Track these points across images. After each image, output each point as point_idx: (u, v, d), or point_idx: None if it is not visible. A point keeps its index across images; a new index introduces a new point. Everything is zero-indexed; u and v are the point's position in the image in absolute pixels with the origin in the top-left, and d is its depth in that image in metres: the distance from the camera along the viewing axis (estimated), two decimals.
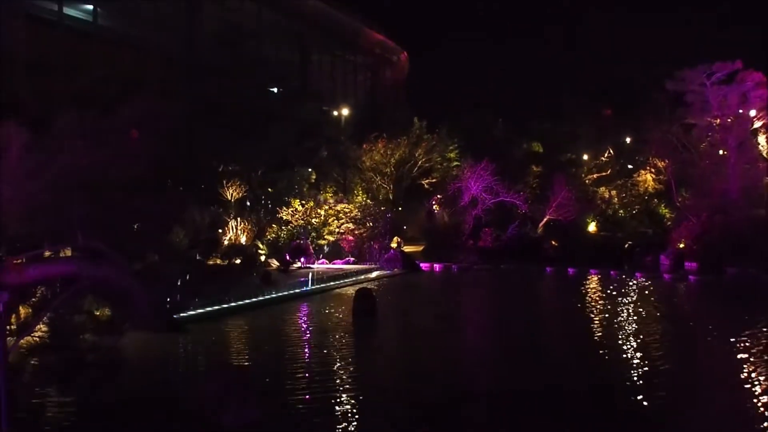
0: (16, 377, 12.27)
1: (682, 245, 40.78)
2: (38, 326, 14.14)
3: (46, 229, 13.48)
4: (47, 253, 14.26)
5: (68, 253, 15.25)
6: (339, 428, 12.45)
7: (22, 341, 13.34)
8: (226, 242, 41.48)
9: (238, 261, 38.22)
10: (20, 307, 14.09)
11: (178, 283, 21.18)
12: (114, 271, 14.37)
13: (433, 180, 52.80)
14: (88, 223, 13.81)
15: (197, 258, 22.79)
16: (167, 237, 21.56)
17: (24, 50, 31.77)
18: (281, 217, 44.13)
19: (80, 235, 13.71)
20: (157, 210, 16.96)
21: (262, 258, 40.06)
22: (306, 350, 19.81)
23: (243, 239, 42.64)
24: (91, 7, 40.00)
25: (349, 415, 13.25)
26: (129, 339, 17.66)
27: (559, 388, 14.96)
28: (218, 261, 37.41)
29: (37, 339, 12.78)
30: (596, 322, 23.71)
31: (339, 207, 45.00)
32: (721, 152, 43.20)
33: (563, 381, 15.60)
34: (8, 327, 13.00)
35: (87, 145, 14.10)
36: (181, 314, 23.48)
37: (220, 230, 41.41)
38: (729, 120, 43.50)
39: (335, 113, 54.28)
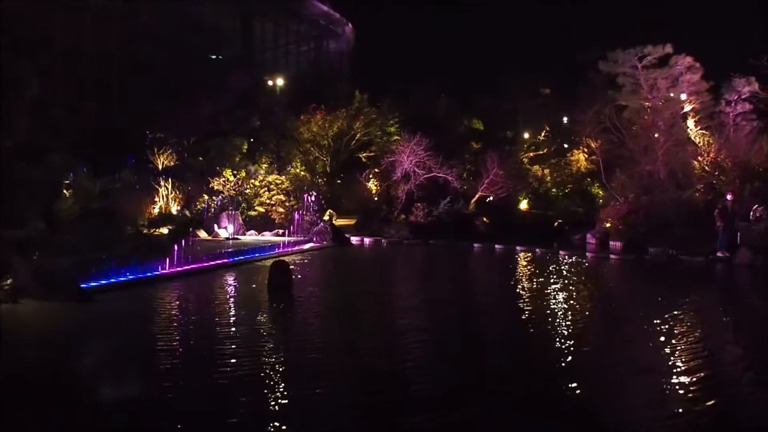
0: None
1: (608, 225, 41.50)
2: None
3: None
4: None
5: None
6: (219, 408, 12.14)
7: None
8: (156, 211, 40.96)
9: (165, 230, 37.80)
10: None
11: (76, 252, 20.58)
12: None
13: (371, 154, 52.59)
14: None
15: (90, 227, 22.11)
16: (53, 205, 20.75)
17: None
18: (212, 187, 43.57)
19: None
20: (37, 177, 16.26)
21: (190, 228, 39.44)
22: (208, 324, 19.08)
23: (174, 208, 42.07)
24: None
25: (235, 391, 12.98)
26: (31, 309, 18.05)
27: (487, 372, 14.61)
28: (148, 231, 36.83)
29: None
30: (518, 301, 23.59)
31: (270, 178, 44.46)
32: (651, 135, 43.89)
33: (492, 364, 15.28)
34: None
35: None
36: (94, 284, 22.93)
37: (157, 199, 40.76)
38: (660, 103, 44.24)
39: (271, 83, 53.40)
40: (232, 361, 14.99)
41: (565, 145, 54.88)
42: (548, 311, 21.28)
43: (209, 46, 49.08)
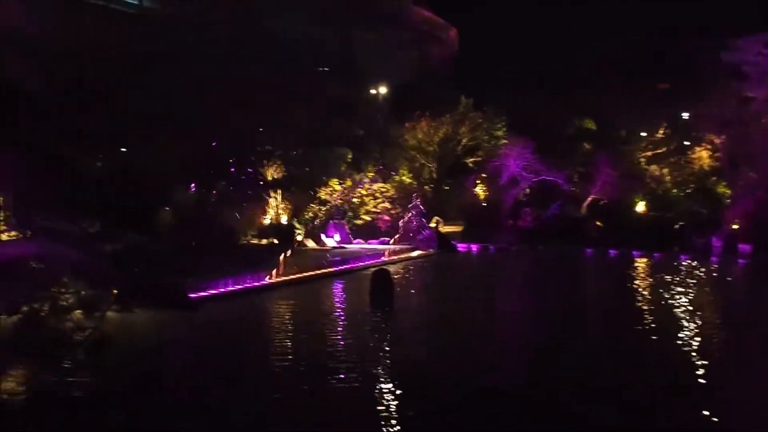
0: None
1: (736, 226, 38.43)
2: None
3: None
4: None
5: None
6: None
7: None
8: (267, 221, 41.93)
9: (275, 240, 38.53)
10: None
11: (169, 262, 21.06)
12: (79, 251, 14.20)
13: (478, 158, 51.43)
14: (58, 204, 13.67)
15: (183, 237, 22.57)
16: (152, 217, 21.34)
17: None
18: (319, 197, 44.02)
19: (39, 217, 13.60)
20: (139, 191, 16.79)
21: (299, 237, 40.03)
22: (309, 336, 19.04)
23: (284, 218, 42.89)
24: None
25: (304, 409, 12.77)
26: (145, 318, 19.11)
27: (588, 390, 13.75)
28: (255, 240, 37.73)
29: None
30: (635, 312, 21.88)
31: (376, 186, 44.45)
32: None
33: (595, 381, 14.34)
34: None
35: None
36: (202, 294, 23.48)
37: (268, 210, 41.76)
38: None
39: (374, 91, 53.46)
40: (335, 375, 14.73)
41: (686, 143, 51.23)
42: (667, 325, 19.50)
43: (310, 58, 49.66)
